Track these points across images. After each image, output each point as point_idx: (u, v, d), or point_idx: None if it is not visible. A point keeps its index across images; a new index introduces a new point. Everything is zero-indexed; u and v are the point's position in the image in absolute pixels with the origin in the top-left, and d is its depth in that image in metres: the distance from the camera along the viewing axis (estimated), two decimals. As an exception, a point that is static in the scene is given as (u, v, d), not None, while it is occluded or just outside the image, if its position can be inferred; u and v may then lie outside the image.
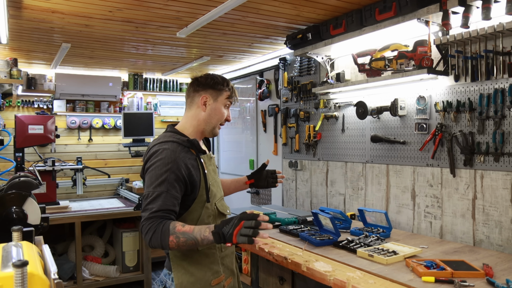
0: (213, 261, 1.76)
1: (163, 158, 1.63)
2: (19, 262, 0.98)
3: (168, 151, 1.65)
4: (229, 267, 1.85)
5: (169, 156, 1.63)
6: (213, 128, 1.85)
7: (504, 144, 2.11)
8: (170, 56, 4.26)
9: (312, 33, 3.00)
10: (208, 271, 1.74)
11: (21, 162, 3.81)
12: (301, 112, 3.57)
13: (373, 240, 2.22)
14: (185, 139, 1.72)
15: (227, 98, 1.85)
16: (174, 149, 1.66)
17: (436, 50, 2.39)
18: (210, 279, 1.73)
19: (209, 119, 1.82)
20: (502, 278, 1.68)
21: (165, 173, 1.61)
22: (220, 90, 1.83)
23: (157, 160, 1.63)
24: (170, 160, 1.63)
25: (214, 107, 1.82)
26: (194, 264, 1.71)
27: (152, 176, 1.63)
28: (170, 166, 1.62)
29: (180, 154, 1.66)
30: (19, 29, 3.14)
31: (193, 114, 1.83)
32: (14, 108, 4.87)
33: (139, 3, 2.59)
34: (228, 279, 1.83)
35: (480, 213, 2.24)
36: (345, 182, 3.18)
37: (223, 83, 1.84)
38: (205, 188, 1.72)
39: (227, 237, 1.50)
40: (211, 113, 1.82)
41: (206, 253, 1.74)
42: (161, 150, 1.65)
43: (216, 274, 1.76)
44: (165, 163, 1.62)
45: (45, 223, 1.92)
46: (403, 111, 2.64)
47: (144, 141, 5.25)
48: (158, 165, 1.63)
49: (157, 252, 4.77)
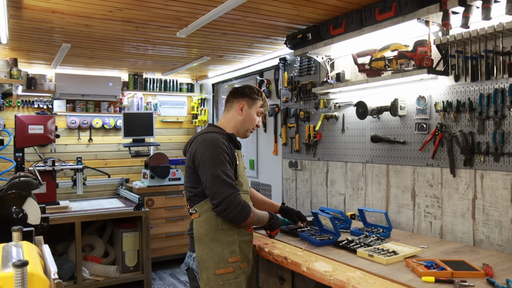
0: (232, 241, 2.00)
1: (214, 142, 1.95)
2: (19, 262, 0.98)
3: (215, 138, 1.97)
4: (246, 253, 2.06)
5: (218, 140, 1.96)
6: (246, 130, 2.19)
7: (504, 144, 2.11)
8: (170, 56, 4.26)
9: (312, 33, 3.00)
10: (227, 248, 1.98)
11: (21, 162, 3.80)
12: (301, 112, 3.57)
13: (373, 240, 2.21)
14: (225, 133, 2.06)
15: (260, 107, 2.20)
16: (219, 137, 1.99)
17: (436, 50, 2.39)
18: (227, 256, 1.97)
19: (243, 122, 2.16)
20: (502, 278, 1.68)
21: (221, 154, 1.93)
22: (255, 99, 2.18)
23: (211, 144, 1.94)
24: (220, 143, 1.95)
25: (248, 113, 2.17)
26: (214, 241, 1.97)
27: (213, 157, 1.91)
28: (223, 148, 1.94)
29: (224, 140, 1.99)
30: (19, 29, 3.14)
31: (230, 116, 2.17)
32: (14, 108, 4.88)
33: (139, 3, 2.59)
34: (243, 263, 2.04)
35: (480, 213, 2.24)
36: (345, 182, 3.18)
37: (258, 94, 2.19)
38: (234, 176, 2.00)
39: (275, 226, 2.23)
40: (246, 117, 2.16)
41: (227, 232, 1.99)
42: (209, 137, 1.97)
43: (234, 253, 1.99)
44: (218, 145, 1.94)
45: (45, 223, 1.92)
46: (403, 111, 2.64)
47: (144, 141, 5.25)
48: (213, 148, 1.93)
49: (157, 252, 4.78)
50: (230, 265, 1.97)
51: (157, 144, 5.56)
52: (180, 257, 4.97)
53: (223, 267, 1.96)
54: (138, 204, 4.12)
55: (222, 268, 1.95)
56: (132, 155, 5.25)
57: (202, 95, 5.92)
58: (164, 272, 4.80)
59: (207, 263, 1.96)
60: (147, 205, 4.68)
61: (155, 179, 4.84)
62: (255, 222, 2.04)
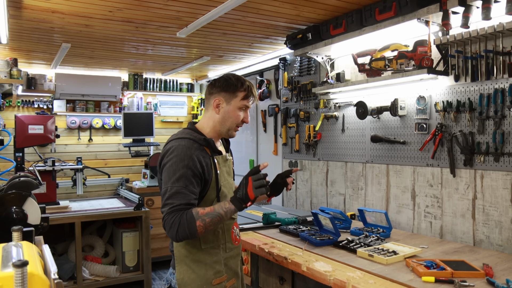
0: (216, 260, 1.77)
1: (179, 154, 1.66)
2: (19, 262, 0.98)
3: (184, 147, 1.67)
4: (233, 268, 1.85)
5: (185, 152, 1.66)
6: (228, 130, 1.83)
7: (504, 144, 2.11)
8: (170, 56, 4.26)
9: (312, 33, 3.00)
10: (210, 269, 1.74)
11: (21, 162, 3.80)
12: (301, 112, 3.57)
13: (373, 240, 2.21)
14: (202, 138, 1.75)
15: (243, 99, 1.81)
16: (189, 145, 1.69)
17: (436, 50, 2.39)
18: (211, 278, 1.74)
19: (223, 121, 1.81)
20: (502, 278, 1.68)
21: (182, 168, 1.64)
22: (234, 91, 1.80)
23: (174, 156, 1.66)
24: (186, 156, 1.65)
25: (227, 109, 1.80)
26: (196, 262, 1.73)
27: (169, 171, 1.65)
28: (187, 162, 1.65)
29: (195, 151, 1.68)
30: (19, 29, 3.14)
31: (209, 115, 1.84)
32: (14, 108, 4.87)
33: (139, 3, 2.59)
34: (230, 281, 1.83)
35: (480, 213, 2.24)
36: (345, 182, 3.18)
37: (237, 85, 1.81)
38: (216, 188, 1.74)
39: (244, 198, 1.61)
40: (224, 115, 1.81)
41: (210, 252, 1.75)
42: (176, 146, 1.69)
43: (218, 273, 1.76)
44: (182, 159, 1.65)
45: (45, 223, 1.91)
46: (403, 111, 2.64)
47: (144, 141, 5.24)
48: (175, 161, 1.65)
49: (157, 252, 4.77)
50: (214, 287, 1.76)
51: (157, 144, 5.56)
52: (180, 257, 4.97)
53: None
54: (138, 204, 4.12)
55: None
56: (132, 155, 5.25)
57: (202, 95, 5.92)
58: (164, 272, 4.80)
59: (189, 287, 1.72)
60: (147, 205, 4.68)
61: (155, 179, 4.84)
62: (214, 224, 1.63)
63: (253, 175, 1.62)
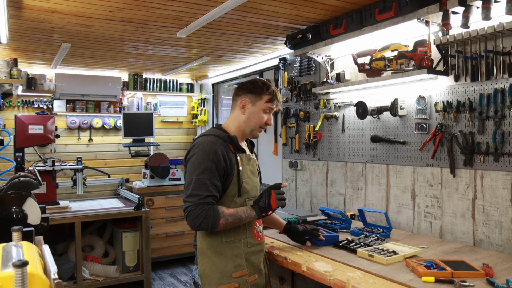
0: (237, 254, 1.85)
1: (205, 148, 1.79)
2: (19, 262, 0.98)
3: (209, 142, 1.81)
4: (256, 264, 1.91)
5: (210, 147, 1.80)
6: (252, 130, 1.97)
7: (504, 144, 2.11)
8: (170, 56, 4.26)
9: (312, 33, 3.00)
10: (231, 262, 1.83)
11: (21, 162, 3.80)
12: (301, 112, 3.57)
13: (373, 240, 2.21)
14: (226, 135, 1.88)
15: (267, 102, 1.94)
16: (215, 141, 1.82)
17: (436, 50, 2.39)
18: (231, 270, 1.83)
19: (247, 121, 1.95)
20: (502, 278, 1.68)
21: (207, 161, 1.77)
22: (259, 94, 1.93)
23: (199, 150, 1.80)
24: (211, 150, 1.79)
25: (252, 110, 1.94)
26: (217, 254, 1.83)
27: (195, 164, 1.78)
28: (212, 156, 1.78)
29: (219, 146, 1.82)
30: (19, 29, 3.14)
31: (235, 115, 1.98)
32: (14, 108, 4.88)
33: (139, 3, 2.59)
34: (252, 276, 1.89)
35: (480, 213, 2.24)
36: (345, 182, 3.18)
37: (262, 88, 1.93)
38: (237, 183, 1.86)
39: (266, 207, 1.84)
40: (249, 116, 1.94)
41: (231, 245, 1.85)
42: (202, 141, 1.83)
43: (239, 267, 1.84)
44: (207, 152, 1.78)
45: (45, 223, 1.91)
46: (403, 111, 2.64)
47: (144, 141, 5.24)
48: (200, 154, 1.79)
49: (157, 252, 4.77)
50: (234, 280, 1.82)
51: (157, 144, 5.56)
52: (180, 257, 4.98)
53: (226, 283, 1.81)
54: (138, 204, 4.12)
55: (225, 284, 1.81)
56: (132, 155, 5.25)
57: (202, 95, 5.92)
58: (164, 272, 4.80)
59: (209, 278, 1.82)
60: (147, 205, 4.68)
61: (155, 179, 4.84)
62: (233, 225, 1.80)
63: (275, 189, 1.87)
